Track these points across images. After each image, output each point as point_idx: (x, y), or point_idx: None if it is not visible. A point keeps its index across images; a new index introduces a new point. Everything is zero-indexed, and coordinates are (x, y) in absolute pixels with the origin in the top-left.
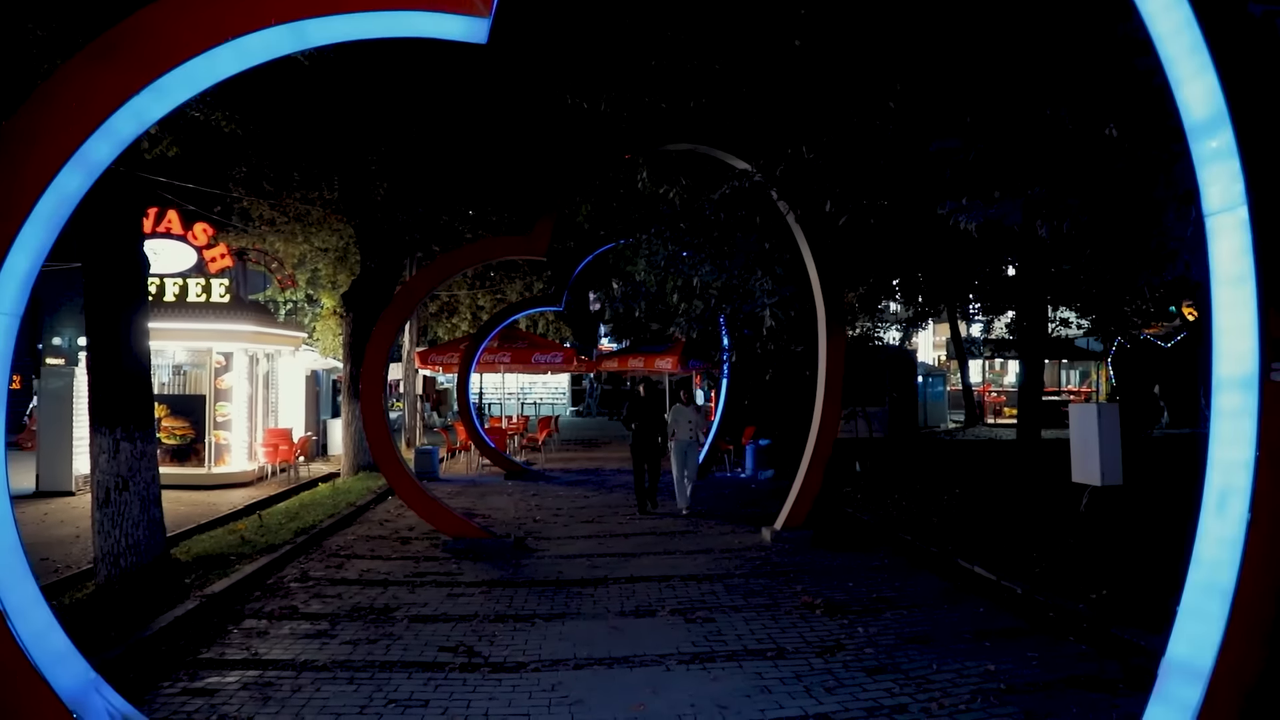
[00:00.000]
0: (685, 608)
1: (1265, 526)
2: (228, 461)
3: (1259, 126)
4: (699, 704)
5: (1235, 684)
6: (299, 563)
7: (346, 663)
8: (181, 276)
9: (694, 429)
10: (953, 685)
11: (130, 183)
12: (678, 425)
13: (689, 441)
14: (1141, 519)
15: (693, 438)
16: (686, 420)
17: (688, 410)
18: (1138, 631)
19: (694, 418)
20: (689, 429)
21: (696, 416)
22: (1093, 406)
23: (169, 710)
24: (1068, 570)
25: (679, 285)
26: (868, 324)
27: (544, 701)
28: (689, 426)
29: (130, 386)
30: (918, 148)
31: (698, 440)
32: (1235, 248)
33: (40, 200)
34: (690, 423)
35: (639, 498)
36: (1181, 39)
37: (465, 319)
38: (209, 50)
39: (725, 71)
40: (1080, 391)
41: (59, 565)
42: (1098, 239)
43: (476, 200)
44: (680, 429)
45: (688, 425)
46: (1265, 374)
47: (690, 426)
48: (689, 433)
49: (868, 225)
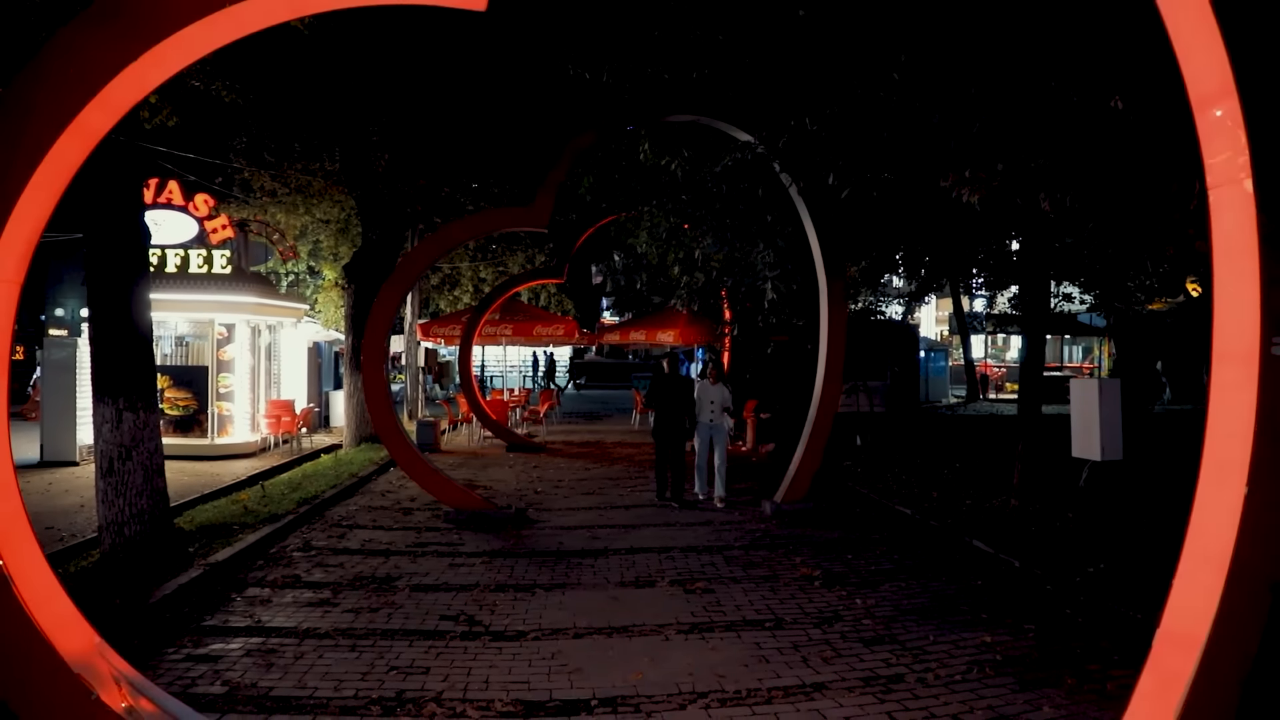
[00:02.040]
0: (685, 578)
1: (1262, 498)
2: (230, 432)
3: (1265, 98)
4: (697, 673)
5: (1230, 654)
6: (301, 532)
7: (349, 630)
8: (183, 247)
9: (715, 410)
10: (949, 656)
11: (131, 152)
12: (701, 406)
13: (711, 424)
14: (1141, 494)
15: (714, 420)
16: (709, 400)
17: (714, 389)
18: (1134, 604)
19: (717, 397)
20: (710, 411)
21: (721, 395)
22: (1093, 382)
23: (174, 675)
24: (1066, 544)
25: (680, 258)
26: (870, 298)
27: (544, 669)
28: (710, 408)
29: (133, 357)
30: (922, 119)
31: (722, 422)
32: (1238, 221)
33: (38, 169)
34: (712, 403)
35: (658, 486)
36: (1189, 8)
37: (467, 291)
38: (207, 16)
39: (729, 42)
40: (1083, 367)
41: (64, 534)
42: (1101, 213)
43: (478, 172)
44: (703, 411)
45: (709, 407)
46: (1265, 347)
47: (712, 408)
48: (709, 414)
49: (870, 198)
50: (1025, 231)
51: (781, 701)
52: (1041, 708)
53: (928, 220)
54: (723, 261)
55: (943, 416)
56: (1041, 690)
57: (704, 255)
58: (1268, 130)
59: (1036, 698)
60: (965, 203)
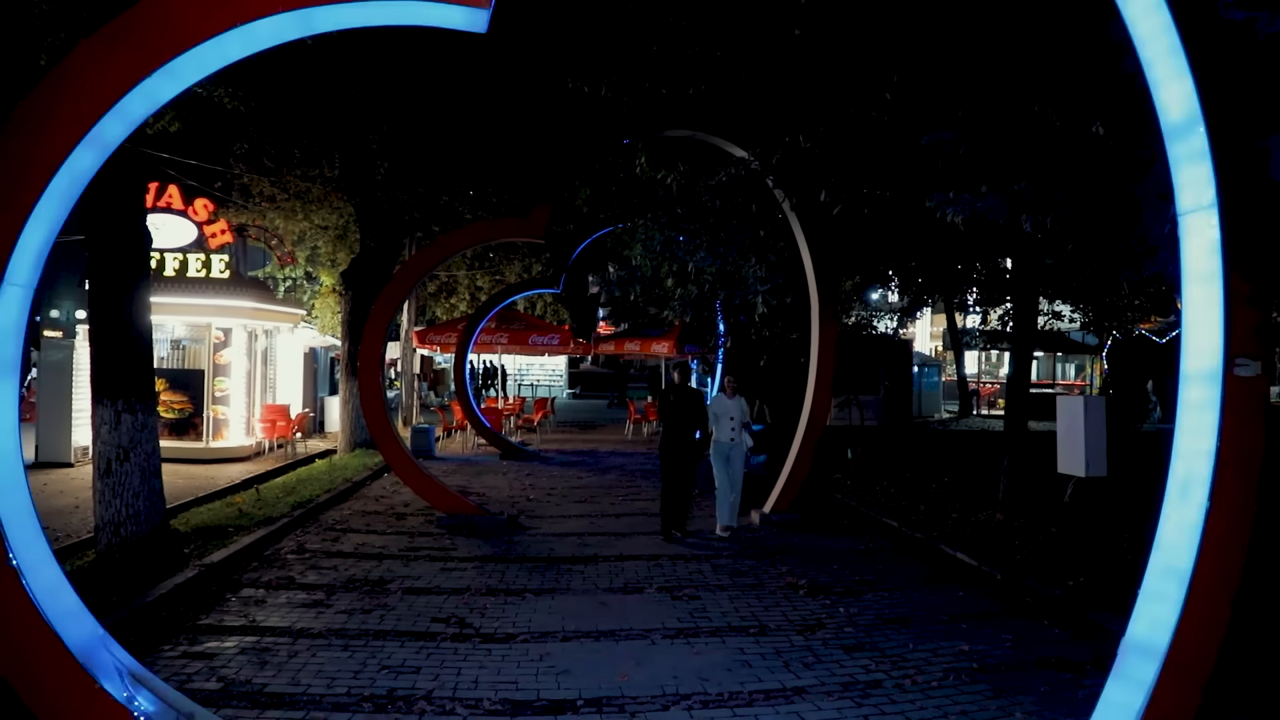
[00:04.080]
0: (672, 585)
1: (1224, 514)
2: (225, 436)
3: (1231, 131)
4: (681, 675)
5: (1189, 663)
6: (296, 535)
7: (342, 631)
8: (181, 251)
9: (735, 427)
10: (927, 664)
11: (133, 157)
12: (717, 423)
13: (729, 444)
14: (1123, 510)
15: (734, 439)
16: (728, 416)
17: (732, 403)
18: (1110, 616)
19: (737, 412)
20: (729, 428)
21: (741, 410)
22: (1079, 399)
23: (170, 672)
24: (1048, 557)
25: (674, 270)
26: (863, 313)
27: (532, 671)
28: (729, 425)
29: (132, 359)
30: (911, 140)
31: (742, 440)
32: (1205, 246)
33: (55, 177)
34: (732, 419)
35: (663, 518)
36: (1161, 42)
37: (464, 299)
38: (219, 35)
39: (725, 59)
40: (1074, 385)
41: (59, 534)
42: (1080, 234)
43: (477, 181)
44: (720, 427)
45: (728, 423)
46: (1229, 368)
47: (731, 425)
48: (728, 432)
49: (862, 215)
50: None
51: (762, 704)
52: (1013, 714)
53: (918, 238)
54: (716, 274)
55: (934, 431)
56: (1014, 697)
57: (697, 268)
58: (1234, 160)
59: (1009, 704)
60: (949, 222)
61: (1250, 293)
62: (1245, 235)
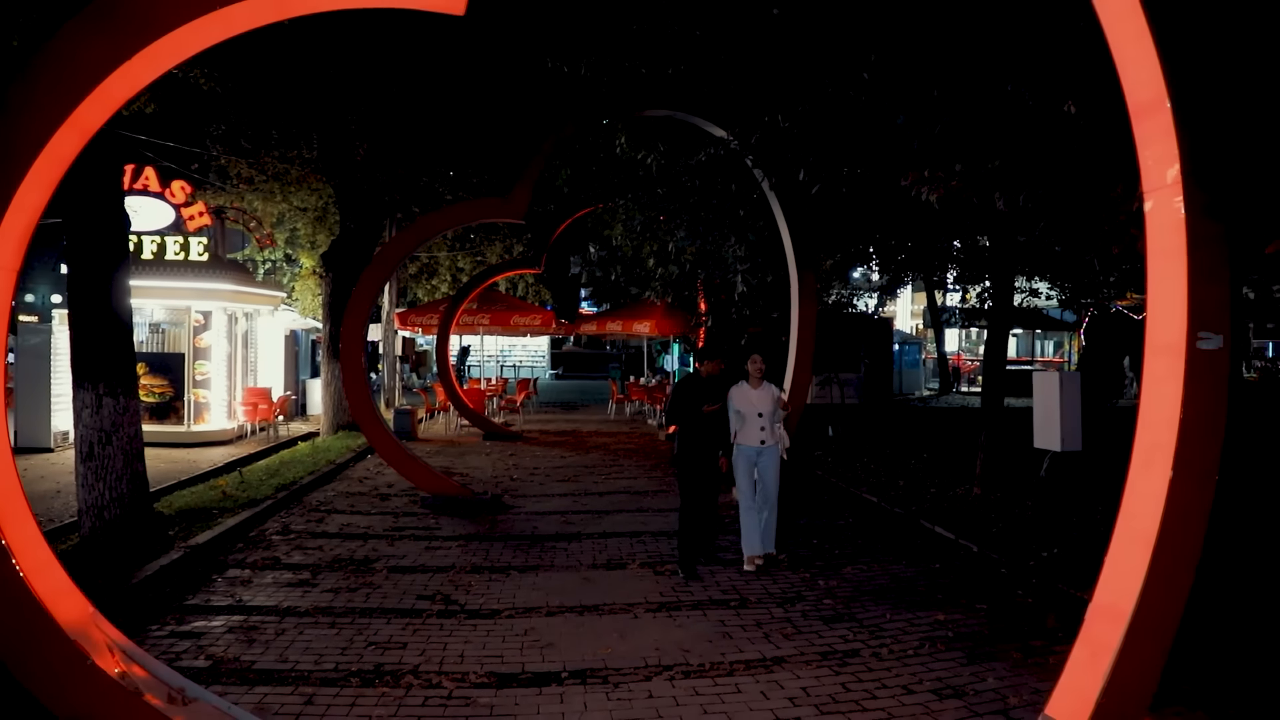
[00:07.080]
0: (655, 561)
1: (1186, 482)
2: (207, 419)
3: (1195, 111)
4: (663, 647)
5: (1154, 627)
6: (280, 517)
7: (328, 609)
8: (159, 234)
9: (766, 427)
10: (903, 633)
11: (111, 139)
12: (746, 422)
13: (756, 448)
14: (1097, 483)
15: (765, 441)
16: (755, 413)
17: (758, 394)
18: (1081, 585)
19: (766, 406)
20: (757, 427)
21: (773, 403)
22: (1055, 375)
23: (158, 651)
24: (1024, 530)
25: (655, 250)
26: (843, 291)
27: (517, 644)
28: (757, 424)
29: (112, 342)
30: (888, 119)
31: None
32: (1169, 223)
33: (37, 159)
34: (760, 415)
35: (681, 549)
36: (1128, 23)
37: (445, 281)
38: (198, 18)
39: (705, 38)
40: (1053, 361)
41: (42, 519)
42: (1051, 212)
43: (457, 162)
44: (747, 429)
45: (756, 422)
46: (1191, 341)
47: (761, 422)
48: (756, 434)
49: (840, 194)
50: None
51: (743, 674)
52: (986, 679)
53: (896, 216)
54: (696, 254)
55: (915, 408)
56: (988, 664)
57: (677, 248)
58: (1198, 140)
59: (982, 670)
60: (925, 201)
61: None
62: (1208, 212)
